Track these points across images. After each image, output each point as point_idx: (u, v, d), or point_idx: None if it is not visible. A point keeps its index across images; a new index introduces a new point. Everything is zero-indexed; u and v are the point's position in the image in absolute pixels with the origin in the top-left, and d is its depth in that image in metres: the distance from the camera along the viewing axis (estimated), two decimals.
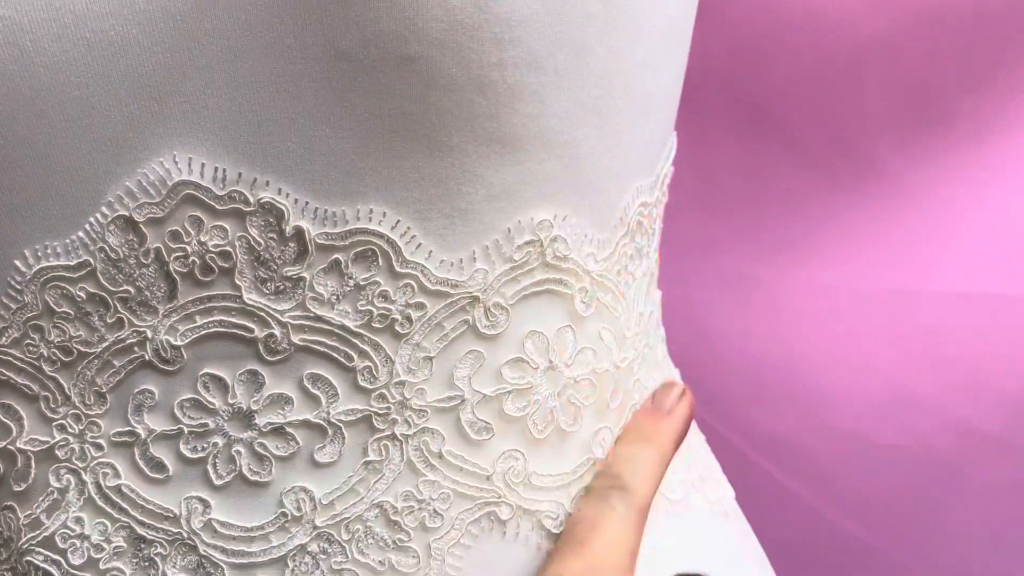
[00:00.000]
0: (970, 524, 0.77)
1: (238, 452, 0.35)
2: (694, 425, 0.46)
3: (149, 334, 0.34)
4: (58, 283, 0.34)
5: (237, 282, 0.34)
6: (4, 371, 0.36)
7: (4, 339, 0.35)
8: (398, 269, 0.34)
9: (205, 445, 0.35)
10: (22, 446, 0.36)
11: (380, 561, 0.35)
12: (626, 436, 0.39)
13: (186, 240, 0.33)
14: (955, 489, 0.76)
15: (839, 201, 0.77)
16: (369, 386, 0.34)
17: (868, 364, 0.77)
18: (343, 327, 0.34)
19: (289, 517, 0.35)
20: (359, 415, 0.34)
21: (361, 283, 0.34)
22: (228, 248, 0.33)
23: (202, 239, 0.33)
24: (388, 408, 0.34)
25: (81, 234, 0.34)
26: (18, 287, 0.35)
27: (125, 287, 0.34)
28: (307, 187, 0.33)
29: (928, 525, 0.77)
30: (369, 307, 0.34)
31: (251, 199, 0.33)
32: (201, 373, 0.34)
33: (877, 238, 0.76)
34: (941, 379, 0.75)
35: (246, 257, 0.33)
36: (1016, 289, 0.74)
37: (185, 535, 0.35)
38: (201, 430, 0.35)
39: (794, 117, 0.75)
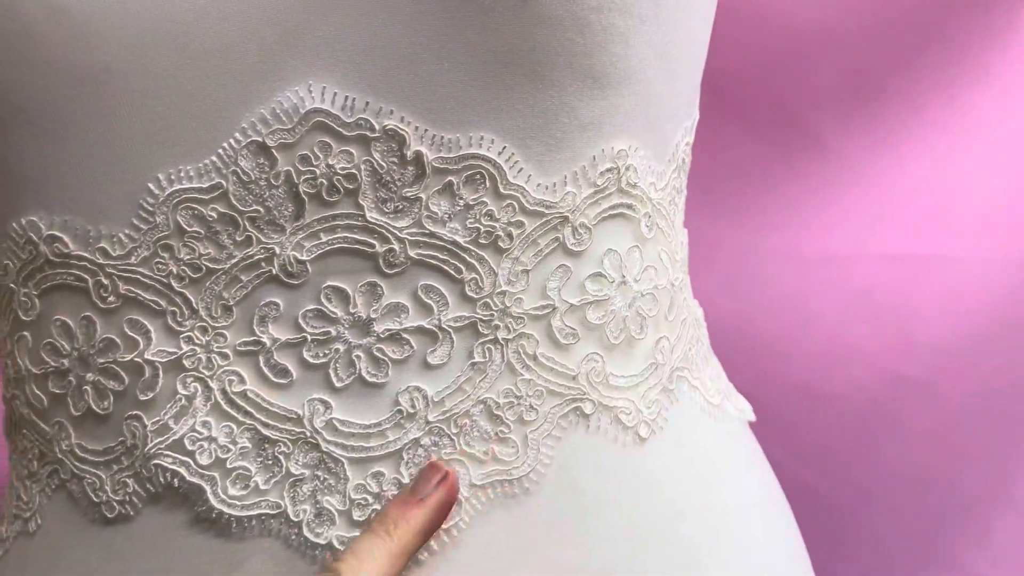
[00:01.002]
0: (901, 464, 0.85)
1: (358, 357, 0.38)
2: (710, 351, 0.52)
3: (277, 251, 0.38)
4: (190, 204, 0.37)
5: (360, 202, 0.37)
6: (132, 288, 0.38)
7: (134, 258, 0.38)
8: (502, 191, 0.38)
9: (327, 351, 0.38)
10: (150, 357, 0.39)
11: (484, 451, 0.39)
12: (371, 525, 0.38)
13: (315, 163, 0.37)
14: (888, 432, 0.84)
15: (785, 172, 0.84)
16: (475, 295, 0.39)
17: (811, 321, 0.85)
18: (454, 242, 0.38)
19: (404, 414, 0.39)
20: (466, 321, 0.39)
21: (470, 203, 0.38)
22: (354, 171, 0.37)
23: (330, 162, 0.37)
24: (491, 315, 0.39)
25: (214, 158, 0.37)
26: (150, 209, 0.38)
27: (255, 207, 0.37)
28: (426, 116, 0.37)
29: (865, 465, 0.85)
30: (477, 224, 0.38)
31: (376, 126, 0.37)
32: (324, 286, 0.38)
33: (818, 205, 0.84)
34: (876, 333, 0.84)
35: (369, 179, 0.37)
36: (941, 250, 0.83)
37: (308, 434, 0.39)
38: (323, 338, 0.38)
39: (746, 95, 0.82)
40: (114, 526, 0.40)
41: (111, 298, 0.39)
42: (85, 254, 0.39)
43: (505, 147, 0.38)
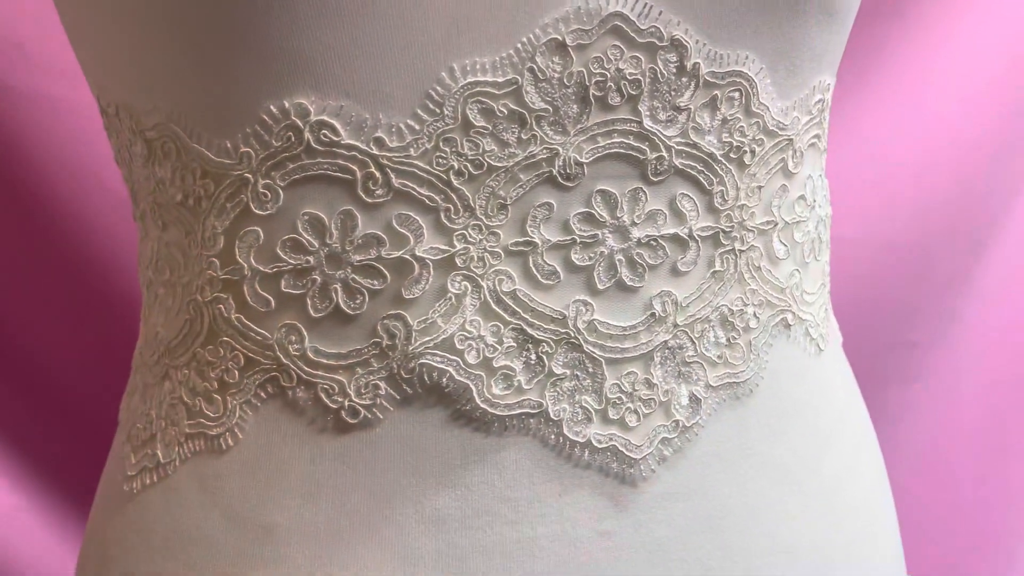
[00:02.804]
0: None
1: (619, 260, 0.40)
2: None
3: (560, 151, 0.38)
4: (482, 98, 0.37)
5: (639, 108, 0.39)
6: (407, 182, 0.37)
7: (413, 150, 0.37)
8: (753, 109, 0.41)
9: (592, 254, 0.39)
10: (420, 254, 0.38)
11: (718, 355, 0.42)
12: None
13: (607, 66, 0.38)
14: None
15: None
16: (720, 207, 0.41)
17: None
18: (711, 154, 0.40)
19: (656, 317, 0.40)
20: (711, 232, 0.41)
21: (727, 117, 0.41)
22: (639, 76, 0.38)
23: (620, 67, 0.38)
24: (732, 227, 0.42)
25: (511, 52, 0.37)
26: (439, 99, 0.37)
27: (544, 106, 0.38)
28: (706, 31, 0.39)
29: None
30: (730, 139, 0.41)
31: (665, 35, 0.39)
32: (595, 190, 0.39)
33: None
34: None
35: (650, 87, 0.39)
36: None
37: (571, 334, 0.39)
38: (590, 240, 0.39)
39: None
40: (352, 433, 0.39)
41: (380, 191, 0.37)
42: (358, 143, 0.37)
43: (762, 68, 0.41)
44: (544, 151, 0.38)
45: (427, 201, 0.38)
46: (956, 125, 0.96)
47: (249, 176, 0.38)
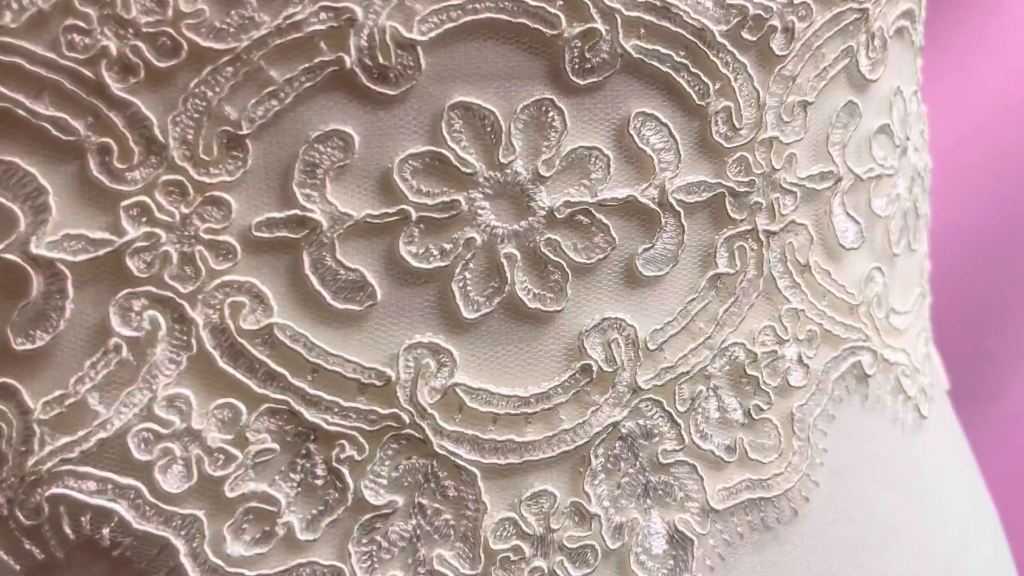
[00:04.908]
0: None
1: (509, 256, 0.19)
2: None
3: (358, 16, 0.17)
4: None
5: None
6: (2, 90, 0.17)
7: (10, 16, 0.16)
8: None
9: (448, 244, 0.18)
10: (41, 252, 0.17)
11: (727, 447, 0.21)
12: None
13: None
14: None
15: None
16: (724, 143, 0.20)
17: None
18: (701, 32, 0.19)
19: (593, 374, 0.19)
20: (708, 193, 0.20)
21: None
22: None
23: None
24: (750, 182, 0.20)
25: None
26: None
27: None
28: None
29: None
30: (742, 1, 0.20)
31: None
32: (450, 104, 0.18)
33: None
34: None
35: None
36: None
37: (405, 419, 0.18)
38: (443, 215, 0.18)
39: None
40: None
41: None
42: None
43: None
44: (323, 16, 0.17)
45: (53, 131, 0.17)
46: None
47: None
